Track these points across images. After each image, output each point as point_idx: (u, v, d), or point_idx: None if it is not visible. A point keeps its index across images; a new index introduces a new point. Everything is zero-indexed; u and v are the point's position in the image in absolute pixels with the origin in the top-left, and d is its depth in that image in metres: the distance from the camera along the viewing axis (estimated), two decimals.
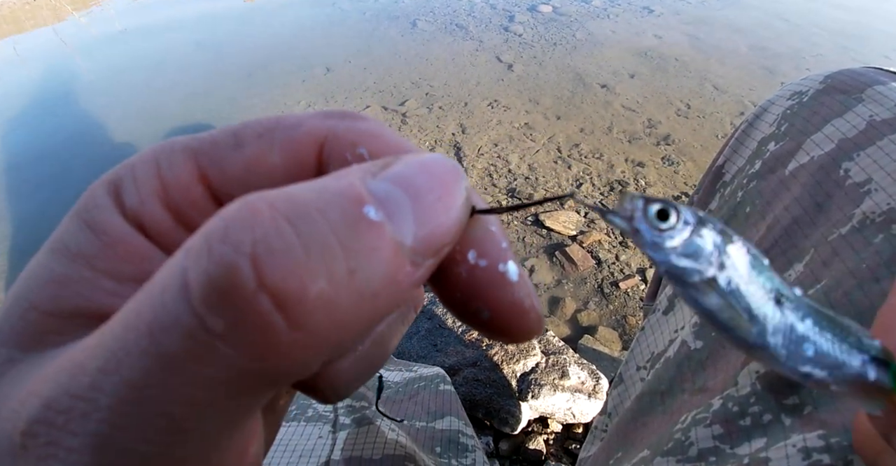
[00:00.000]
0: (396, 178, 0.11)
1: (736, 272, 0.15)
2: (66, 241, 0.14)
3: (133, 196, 0.14)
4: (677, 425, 0.36)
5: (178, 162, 0.15)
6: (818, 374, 0.16)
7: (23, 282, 0.14)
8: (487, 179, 1.88)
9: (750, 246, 0.15)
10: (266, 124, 0.15)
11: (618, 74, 2.51)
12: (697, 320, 0.40)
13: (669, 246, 0.15)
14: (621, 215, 0.15)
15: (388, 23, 3.23)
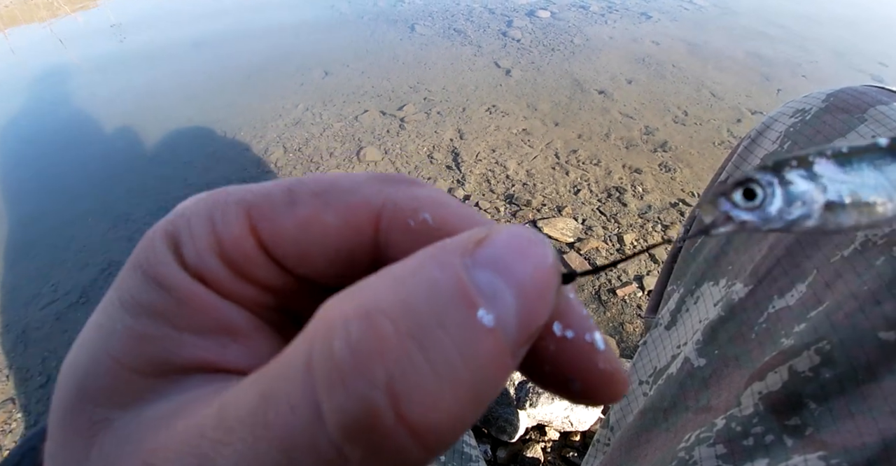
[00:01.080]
0: (497, 265, 0.11)
1: (838, 183, 0.14)
2: (137, 298, 0.14)
3: (192, 251, 0.14)
4: (681, 443, 0.37)
5: (232, 216, 0.15)
6: None
7: (97, 337, 0.14)
8: (485, 185, 1.89)
9: (826, 150, 0.15)
10: (322, 184, 0.15)
11: (615, 80, 2.52)
12: (700, 337, 0.41)
13: (778, 212, 0.14)
14: (717, 222, 0.15)
15: (387, 27, 3.24)
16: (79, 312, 1.59)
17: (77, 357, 0.14)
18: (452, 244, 0.12)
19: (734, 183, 0.14)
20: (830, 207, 0.14)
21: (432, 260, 0.11)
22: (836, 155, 0.14)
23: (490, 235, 0.12)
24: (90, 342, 0.14)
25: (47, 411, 0.92)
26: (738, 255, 0.43)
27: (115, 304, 0.14)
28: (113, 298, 0.14)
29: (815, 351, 0.32)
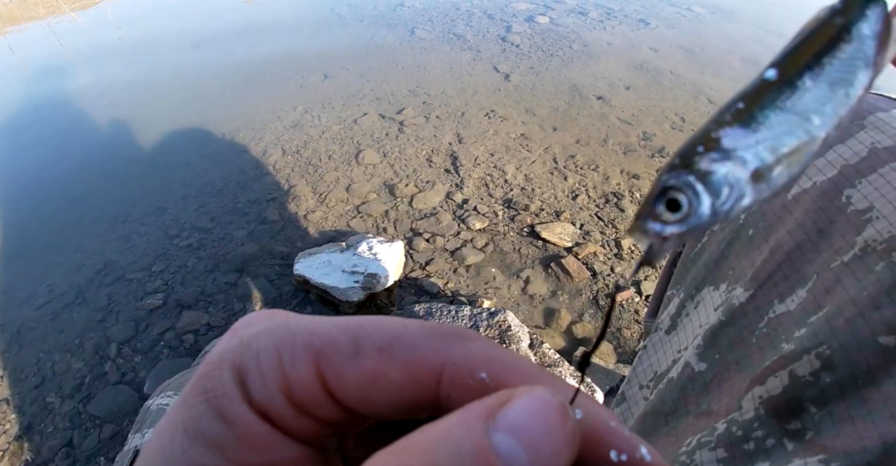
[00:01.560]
0: (516, 430, 0.13)
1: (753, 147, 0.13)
2: (199, 427, 0.15)
3: (260, 388, 0.15)
4: (682, 447, 0.37)
5: (300, 359, 0.16)
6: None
7: (159, 461, 0.15)
8: (484, 189, 1.89)
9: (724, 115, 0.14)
10: (385, 338, 0.16)
11: (613, 86, 2.53)
12: (701, 342, 0.41)
13: (711, 210, 0.13)
14: (656, 247, 0.14)
15: (387, 31, 3.25)
16: (74, 312, 1.58)
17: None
18: (478, 408, 0.13)
19: (653, 198, 0.13)
20: (758, 175, 0.13)
21: (459, 424, 0.13)
22: (736, 117, 0.13)
23: (511, 400, 0.13)
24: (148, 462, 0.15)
25: (41, 412, 0.92)
26: (738, 260, 0.44)
27: (178, 429, 0.15)
28: (177, 422, 0.16)
29: (815, 356, 0.32)
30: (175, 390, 0.59)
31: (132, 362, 1.43)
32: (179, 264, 1.69)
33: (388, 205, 1.85)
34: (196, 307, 1.54)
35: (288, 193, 1.94)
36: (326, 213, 1.84)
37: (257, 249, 1.72)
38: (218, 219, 1.85)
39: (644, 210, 0.13)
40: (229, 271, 1.65)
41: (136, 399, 1.34)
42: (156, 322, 1.52)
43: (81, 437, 1.28)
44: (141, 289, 1.62)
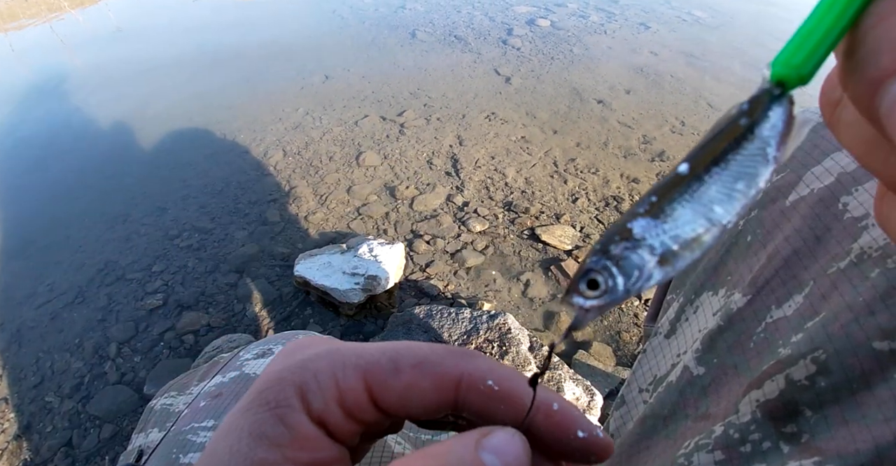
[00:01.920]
0: (495, 450, 0.18)
1: (660, 237, 0.15)
2: (265, 431, 0.19)
3: (319, 401, 0.20)
4: (680, 450, 0.37)
5: (351, 377, 0.21)
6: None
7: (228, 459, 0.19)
8: (484, 192, 1.90)
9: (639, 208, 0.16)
10: (417, 357, 0.21)
11: (614, 90, 2.54)
12: (700, 346, 0.41)
13: (624, 287, 0.16)
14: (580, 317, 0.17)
15: (388, 32, 3.26)
16: (74, 312, 1.59)
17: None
18: (471, 435, 0.19)
19: (578, 277, 0.16)
20: (664, 260, 0.15)
21: (461, 444, 0.18)
22: (648, 210, 0.15)
23: (491, 433, 0.19)
24: (219, 460, 0.19)
25: (40, 412, 0.92)
26: (736, 265, 0.44)
27: (243, 432, 0.20)
28: (241, 426, 0.20)
29: (811, 361, 0.33)
30: (178, 390, 0.60)
31: (132, 362, 1.43)
32: (180, 264, 1.70)
33: (388, 206, 1.86)
34: (196, 307, 1.55)
35: (289, 194, 1.95)
36: (327, 215, 1.85)
37: (258, 250, 1.72)
38: (218, 220, 1.86)
39: (571, 287, 0.16)
40: (229, 272, 1.65)
41: (136, 399, 1.34)
42: (156, 322, 1.52)
43: (81, 437, 1.29)
44: (141, 289, 1.63)
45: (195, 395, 0.57)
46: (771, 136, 0.15)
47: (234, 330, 1.48)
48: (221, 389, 0.54)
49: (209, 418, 0.54)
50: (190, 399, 0.56)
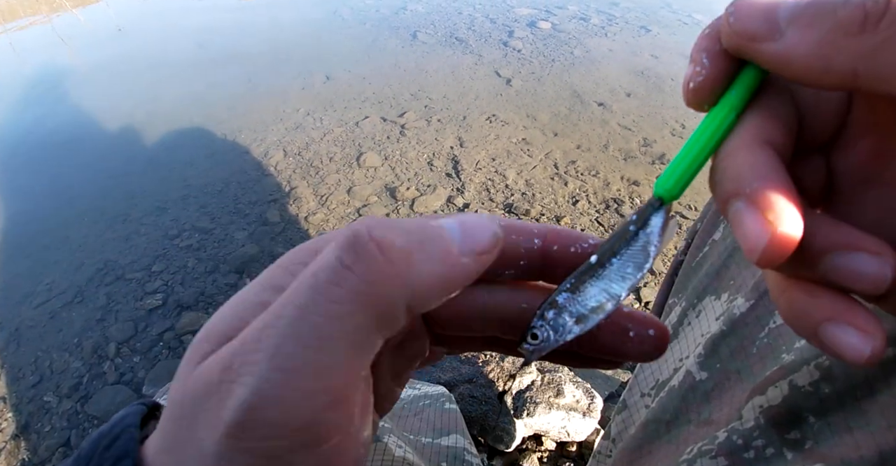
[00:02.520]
0: (460, 222, 0.20)
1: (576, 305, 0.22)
2: (280, 284, 0.19)
3: None
4: (683, 456, 0.37)
5: None
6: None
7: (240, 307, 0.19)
8: (484, 194, 1.90)
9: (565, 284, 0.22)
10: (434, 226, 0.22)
11: (615, 93, 2.54)
12: (702, 351, 0.41)
13: (554, 338, 0.22)
14: (528, 356, 0.23)
15: (389, 34, 3.26)
16: (73, 311, 1.58)
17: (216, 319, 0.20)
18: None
19: (525, 332, 0.22)
20: (579, 320, 0.22)
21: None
22: (569, 288, 0.22)
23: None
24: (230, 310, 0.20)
25: (39, 411, 0.91)
26: (739, 270, 0.44)
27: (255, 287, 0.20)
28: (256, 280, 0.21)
29: (814, 366, 0.33)
30: None
31: (131, 362, 1.43)
32: (179, 264, 1.70)
33: (388, 208, 1.86)
34: (196, 308, 1.55)
35: (289, 195, 1.95)
36: (327, 215, 1.84)
37: (258, 250, 1.72)
38: (218, 220, 1.86)
39: (521, 337, 0.22)
40: (229, 272, 1.65)
41: (135, 399, 1.33)
42: (155, 322, 1.52)
43: (79, 437, 1.28)
44: (140, 289, 1.62)
45: None
46: (653, 235, 0.22)
47: None
48: None
49: None
50: None
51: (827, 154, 0.21)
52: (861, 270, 0.17)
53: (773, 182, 0.17)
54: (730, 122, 0.20)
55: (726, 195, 0.18)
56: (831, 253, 0.18)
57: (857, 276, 0.17)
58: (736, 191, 0.18)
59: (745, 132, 0.19)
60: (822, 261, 0.18)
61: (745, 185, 0.17)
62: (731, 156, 0.19)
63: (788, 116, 0.20)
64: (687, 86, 0.20)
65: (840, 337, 0.18)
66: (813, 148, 0.21)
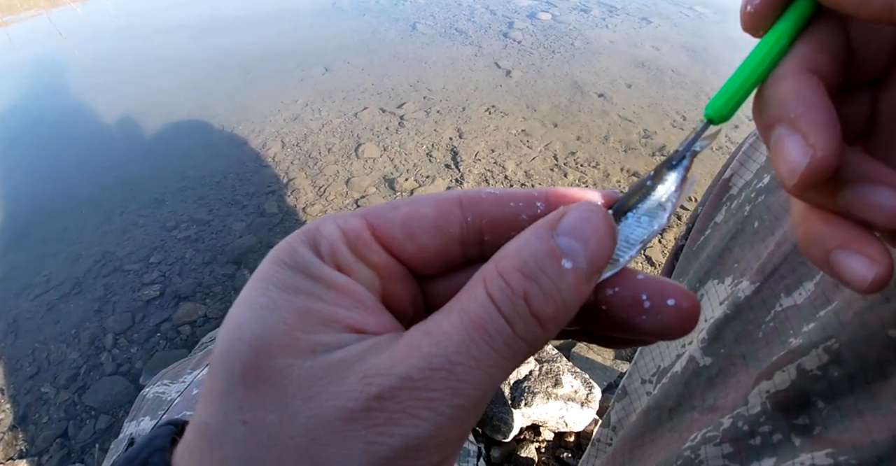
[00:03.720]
0: (571, 232, 0.18)
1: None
2: (294, 284, 0.18)
3: (326, 245, 0.20)
4: (686, 443, 0.36)
5: (351, 219, 0.20)
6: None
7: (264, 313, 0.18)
8: (483, 185, 1.88)
9: None
10: (417, 197, 0.21)
11: (615, 84, 2.52)
12: (706, 336, 0.40)
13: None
14: None
15: (388, 25, 3.23)
16: (71, 303, 1.58)
17: (244, 329, 0.18)
18: (544, 222, 0.19)
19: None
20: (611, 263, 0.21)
21: (534, 234, 0.18)
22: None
23: (566, 213, 0.19)
24: (257, 316, 0.18)
25: (36, 402, 0.91)
26: (743, 253, 0.43)
27: (271, 289, 0.18)
28: (266, 286, 0.19)
29: (823, 350, 0.31)
30: (171, 379, 0.59)
31: (128, 353, 1.42)
32: (177, 256, 1.69)
33: (387, 199, 1.85)
34: (193, 298, 1.54)
35: (287, 186, 1.94)
36: (325, 206, 1.83)
37: (255, 241, 1.71)
38: (216, 212, 1.85)
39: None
40: (227, 263, 1.64)
41: (132, 390, 1.33)
42: (152, 313, 1.51)
43: (76, 428, 1.28)
44: (138, 280, 1.61)
45: (188, 383, 0.55)
46: (668, 191, 0.21)
47: None
48: None
49: None
50: (183, 388, 0.55)
51: (875, 91, 0.21)
52: (880, 202, 0.18)
53: (816, 109, 0.18)
54: (780, 48, 0.20)
55: (770, 120, 0.19)
56: (855, 185, 0.19)
57: (875, 208, 0.18)
58: (779, 116, 0.18)
59: (793, 60, 0.19)
60: (845, 191, 0.19)
61: (790, 111, 0.18)
62: (778, 83, 0.19)
63: (838, 48, 0.20)
64: (744, 10, 0.21)
65: (847, 263, 0.19)
66: (862, 83, 0.21)
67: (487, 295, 0.18)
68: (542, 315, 0.17)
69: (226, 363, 0.18)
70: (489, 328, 0.17)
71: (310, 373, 0.17)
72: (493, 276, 0.18)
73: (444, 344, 0.17)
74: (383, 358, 0.17)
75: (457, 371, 0.17)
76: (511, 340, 0.17)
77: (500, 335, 0.17)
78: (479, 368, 0.17)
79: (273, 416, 0.17)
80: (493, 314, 0.17)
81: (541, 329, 0.18)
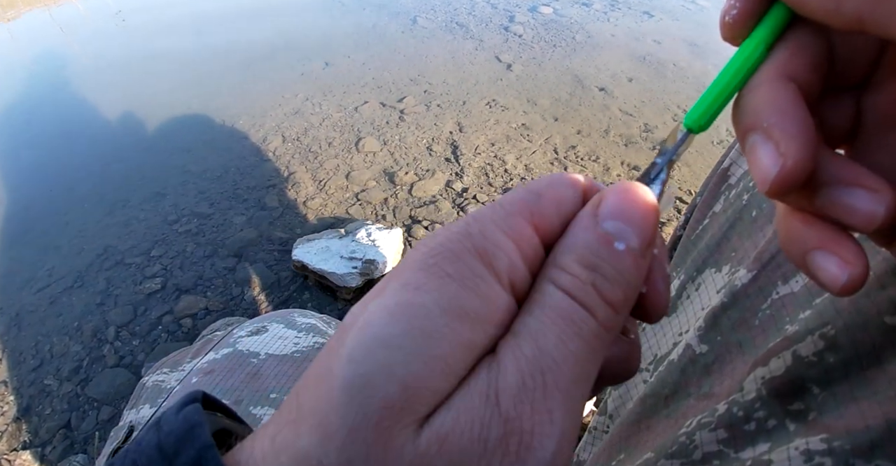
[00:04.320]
0: (615, 214, 0.18)
1: None
2: (464, 306, 0.17)
3: (504, 262, 0.18)
4: (682, 429, 0.36)
5: (514, 221, 0.19)
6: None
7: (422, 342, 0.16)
8: (483, 178, 1.88)
9: None
10: (542, 179, 0.21)
11: (616, 78, 2.51)
12: (702, 324, 0.41)
13: None
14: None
15: (389, 19, 3.22)
16: (73, 296, 1.58)
17: (397, 356, 0.15)
18: (585, 213, 0.19)
19: None
20: None
21: (580, 227, 0.18)
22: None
23: (604, 198, 0.19)
24: (416, 345, 0.16)
25: (39, 394, 0.91)
26: (741, 241, 0.43)
27: (433, 310, 0.16)
28: (426, 303, 0.16)
29: (819, 336, 0.32)
30: (171, 367, 0.59)
31: (130, 345, 1.43)
32: (178, 249, 1.69)
33: (387, 192, 1.85)
34: (194, 291, 1.54)
35: (287, 180, 1.94)
36: (326, 200, 1.83)
37: (256, 235, 1.71)
38: (217, 205, 1.85)
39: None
40: (228, 256, 1.65)
41: (134, 382, 1.34)
42: (154, 306, 1.52)
43: (79, 419, 1.29)
44: (140, 274, 1.62)
45: (187, 372, 0.56)
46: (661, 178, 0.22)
47: (232, 314, 1.47)
48: (214, 366, 0.54)
49: None
50: (182, 376, 0.56)
51: (859, 94, 0.21)
52: (854, 205, 0.18)
53: (789, 117, 0.18)
54: (758, 56, 0.20)
55: (745, 128, 0.19)
56: (830, 187, 0.19)
57: (850, 211, 0.18)
58: (753, 124, 0.19)
59: (769, 67, 0.20)
60: (821, 194, 0.19)
61: (763, 120, 0.18)
62: (754, 91, 0.20)
63: (817, 53, 0.20)
64: (723, 20, 0.21)
65: (822, 265, 0.19)
66: (846, 87, 0.21)
67: (561, 290, 0.17)
68: (613, 300, 0.17)
69: (363, 392, 0.15)
70: (576, 320, 0.17)
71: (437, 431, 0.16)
72: (557, 273, 0.18)
73: (542, 342, 0.16)
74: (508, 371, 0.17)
75: (565, 370, 0.16)
76: (596, 329, 0.17)
77: (586, 324, 0.17)
78: (578, 363, 0.16)
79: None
80: (573, 305, 0.17)
81: (615, 313, 0.18)
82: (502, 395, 0.15)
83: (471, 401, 0.15)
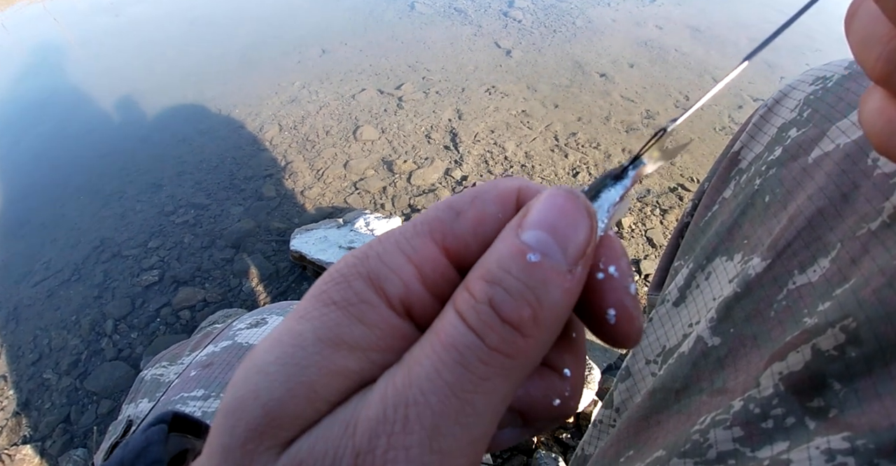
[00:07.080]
0: (538, 224, 0.16)
1: None
2: (340, 335, 0.16)
3: (397, 286, 0.17)
4: (695, 426, 0.35)
5: (418, 242, 0.17)
6: None
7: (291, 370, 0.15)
8: (483, 166, 1.86)
9: None
10: (470, 192, 0.19)
11: (617, 64, 2.48)
12: (714, 315, 0.39)
13: None
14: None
15: (386, 5, 3.18)
16: (71, 289, 1.57)
17: (262, 384, 0.15)
18: (510, 225, 0.17)
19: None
20: None
21: (500, 240, 0.17)
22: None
23: (531, 207, 0.17)
24: (282, 373, 0.15)
25: (39, 388, 0.90)
26: (753, 228, 0.41)
27: (307, 339, 0.16)
28: (303, 331, 0.16)
29: (840, 329, 0.30)
30: (169, 361, 0.58)
31: (128, 338, 1.42)
32: (175, 240, 1.67)
33: (386, 181, 1.82)
34: (192, 283, 1.53)
35: (285, 169, 1.91)
36: (324, 190, 1.81)
37: (254, 225, 1.70)
38: (214, 196, 1.83)
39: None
40: (225, 247, 1.63)
41: (133, 375, 1.33)
42: (152, 298, 1.51)
43: (78, 413, 1.28)
44: (137, 266, 1.60)
45: (186, 365, 0.55)
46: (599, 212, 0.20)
47: (231, 306, 1.46)
48: (213, 359, 0.53)
49: (199, 387, 0.52)
50: (181, 369, 0.54)
51: None
52: None
53: None
54: None
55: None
56: None
57: None
58: None
59: None
60: None
61: None
62: None
63: None
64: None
65: None
66: None
67: (455, 312, 0.16)
68: (515, 320, 0.15)
69: (234, 415, 0.15)
70: (457, 345, 0.15)
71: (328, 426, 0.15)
72: (457, 293, 0.16)
73: (415, 371, 0.15)
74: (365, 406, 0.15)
75: (431, 402, 0.14)
76: (486, 356, 0.15)
77: (471, 351, 0.15)
78: (454, 395, 0.15)
79: None
80: (461, 329, 0.15)
81: (520, 336, 0.15)
82: (360, 426, 0.14)
83: (330, 430, 0.15)
